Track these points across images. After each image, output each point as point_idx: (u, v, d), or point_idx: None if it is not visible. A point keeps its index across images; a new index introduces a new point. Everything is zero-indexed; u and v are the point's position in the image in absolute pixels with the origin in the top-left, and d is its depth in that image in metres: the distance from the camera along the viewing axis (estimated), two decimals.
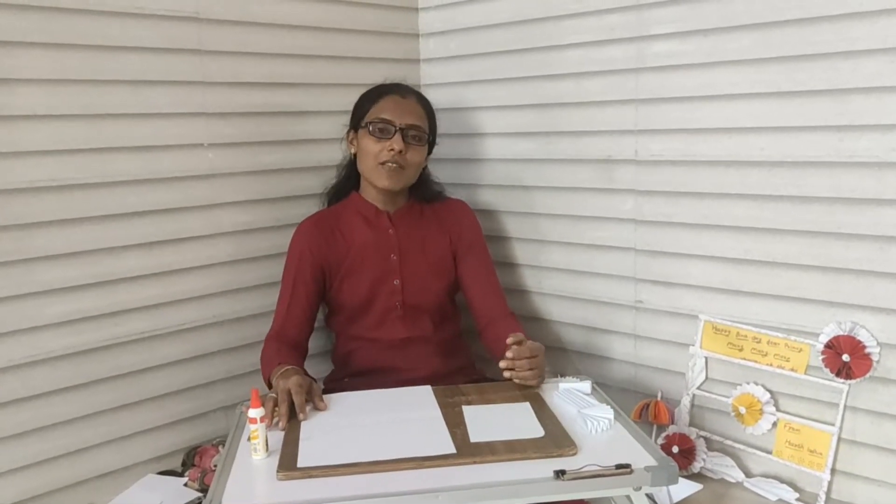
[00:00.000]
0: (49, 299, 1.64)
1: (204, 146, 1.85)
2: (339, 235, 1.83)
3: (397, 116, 1.75)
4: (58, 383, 1.67)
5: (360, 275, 1.81)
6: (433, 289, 1.85)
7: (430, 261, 1.86)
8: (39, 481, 1.67)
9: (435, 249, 1.87)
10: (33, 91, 1.58)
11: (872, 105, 1.49)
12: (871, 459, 1.58)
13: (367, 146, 1.76)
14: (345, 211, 1.87)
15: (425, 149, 1.82)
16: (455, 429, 1.36)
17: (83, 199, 1.67)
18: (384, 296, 1.82)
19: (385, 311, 1.82)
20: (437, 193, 1.94)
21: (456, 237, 1.89)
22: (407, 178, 1.80)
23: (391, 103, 1.78)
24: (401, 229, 1.84)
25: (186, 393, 1.89)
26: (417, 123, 1.78)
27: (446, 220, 1.90)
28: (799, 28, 1.56)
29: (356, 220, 1.84)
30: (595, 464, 1.22)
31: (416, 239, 1.85)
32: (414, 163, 1.78)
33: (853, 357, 1.56)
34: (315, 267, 1.80)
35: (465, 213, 1.94)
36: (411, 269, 1.83)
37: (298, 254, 1.81)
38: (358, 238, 1.82)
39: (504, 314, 1.85)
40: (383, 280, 1.82)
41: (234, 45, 1.87)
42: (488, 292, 1.87)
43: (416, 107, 1.80)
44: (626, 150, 1.86)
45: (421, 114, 1.81)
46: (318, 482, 1.21)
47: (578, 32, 1.90)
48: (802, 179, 1.60)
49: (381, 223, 1.84)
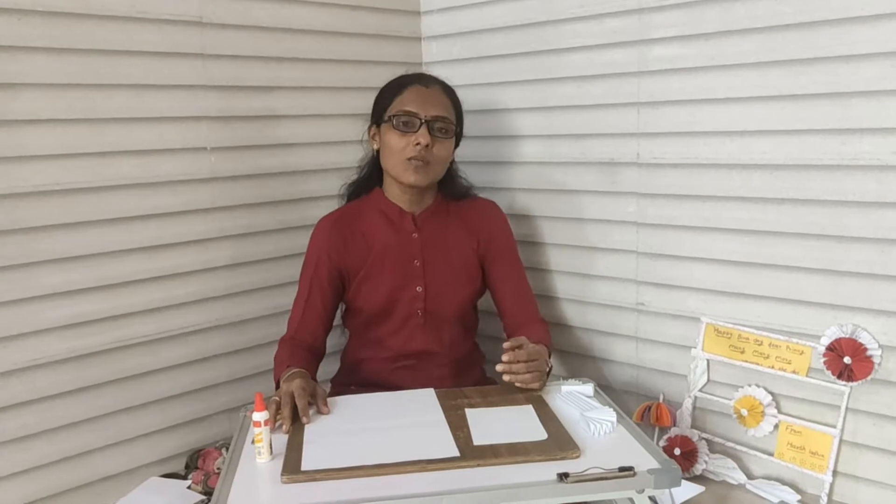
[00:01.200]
0: (52, 303, 1.64)
1: (206, 150, 1.85)
2: (359, 236, 1.75)
3: (422, 108, 1.66)
4: (61, 387, 1.67)
5: (379, 279, 1.74)
6: (458, 296, 1.78)
7: (456, 267, 1.78)
8: (43, 484, 1.67)
9: (461, 254, 1.78)
10: (36, 95, 1.58)
11: (874, 108, 1.49)
12: (873, 461, 1.59)
13: (391, 141, 1.67)
14: (367, 209, 1.78)
15: (452, 141, 1.73)
16: (458, 431, 1.36)
17: (86, 203, 1.67)
18: (405, 302, 1.74)
19: (405, 319, 1.75)
20: (466, 189, 1.85)
21: (485, 241, 1.80)
22: (434, 173, 1.71)
23: (414, 94, 1.68)
24: (426, 233, 1.76)
25: (189, 396, 1.89)
26: (443, 115, 1.68)
27: (474, 221, 1.81)
28: (800, 32, 1.56)
29: (378, 220, 1.76)
30: (598, 466, 1.22)
31: (441, 243, 1.77)
32: (441, 157, 1.69)
33: (855, 359, 1.56)
34: (332, 270, 1.74)
35: (496, 215, 1.85)
36: (435, 275, 1.75)
37: (315, 256, 1.75)
38: (379, 240, 1.74)
39: (533, 319, 1.79)
40: (405, 286, 1.74)
41: (237, 49, 1.88)
42: (519, 298, 1.81)
43: (441, 97, 1.71)
44: (629, 153, 1.86)
45: (446, 104, 1.71)
46: (322, 485, 1.21)
47: (580, 36, 1.91)
48: (804, 182, 1.60)
49: (404, 226, 1.75)
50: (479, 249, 1.81)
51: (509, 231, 1.86)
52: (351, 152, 1.95)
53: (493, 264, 1.81)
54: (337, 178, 1.93)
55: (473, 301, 1.84)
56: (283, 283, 2.00)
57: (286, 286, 1.98)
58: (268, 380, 2.01)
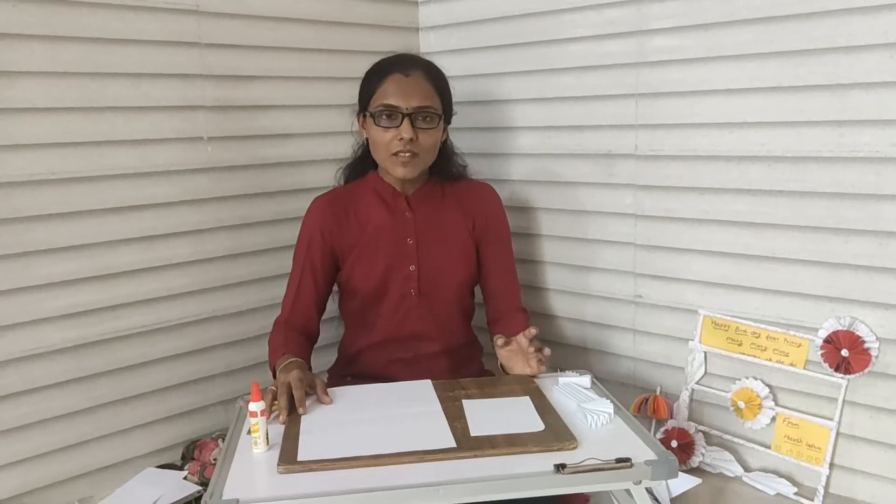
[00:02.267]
0: (48, 293, 1.64)
1: (203, 139, 1.84)
2: (352, 216, 1.74)
3: (403, 100, 1.62)
4: (57, 377, 1.67)
5: (373, 258, 1.72)
6: (453, 277, 1.76)
7: (451, 247, 1.76)
8: (39, 474, 1.67)
9: (456, 235, 1.77)
10: (32, 84, 1.58)
11: (873, 100, 1.49)
12: (870, 454, 1.59)
13: (375, 136, 1.66)
14: (361, 190, 1.77)
15: (439, 127, 1.69)
16: (455, 422, 1.36)
17: (82, 193, 1.67)
18: (398, 282, 1.72)
19: (399, 300, 1.73)
20: (461, 171, 1.83)
21: (482, 223, 1.79)
22: (424, 162, 1.68)
23: (395, 85, 1.64)
24: (419, 212, 1.74)
25: (186, 387, 1.89)
26: (426, 104, 1.64)
27: (470, 203, 1.79)
28: (799, 23, 1.56)
29: (372, 200, 1.75)
30: (595, 458, 1.22)
31: (436, 223, 1.75)
32: (429, 145, 1.66)
33: (852, 352, 1.56)
34: (325, 250, 1.73)
35: (491, 199, 1.83)
36: (429, 254, 1.73)
37: (308, 236, 1.73)
38: (373, 219, 1.73)
39: (517, 308, 1.80)
40: (398, 266, 1.72)
41: (234, 39, 1.87)
42: (508, 285, 1.81)
43: (422, 84, 1.66)
44: (627, 144, 1.86)
45: (428, 91, 1.67)
46: (318, 476, 1.21)
47: (579, 27, 1.90)
48: (803, 174, 1.60)
49: (398, 205, 1.74)
50: (475, 231, 1.79)
51: (504, 216, 1.85)
52: (347, 143, 1.93)
53: (485, 247, 1.80)
54: (333, 169, 1.92)
55: (470, 284, 1.82)
56: (280, 275, 1.99)
57: (283, 277, 1.95)
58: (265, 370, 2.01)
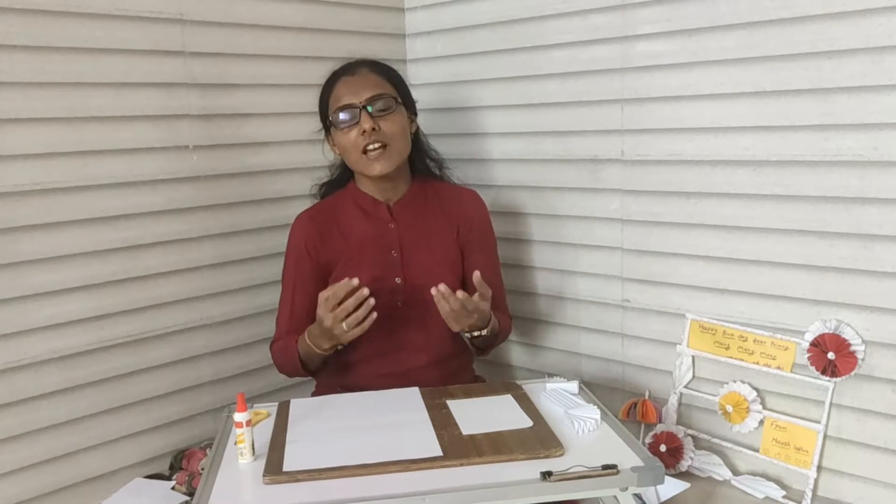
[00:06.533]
0: (34, 303, 1.63)
1: (189, 148, 1.84)
2: (335, 229, 1.72)
3: (354, 96, 1.63)
4: (43, 388, 1.66)
5: (358, 271, 1.62)
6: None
7: (437, 255, 1.72)
8: (26, 486, 1.66)
9: (441, 242, 1.74)
10: (15, 94, 1.57)
11: (855, 104, 1.50)
12: (857, 456, 1.59)
13: (342, 141, 1.66)
14: (342, 202, 1.76)
15: (402, 112, 1.68)
16: (442, 430, 1.36)
17: (67, 203, 1.66)
18: (385, 295, 1.65)
19: (387, 312, 1.65)
20: (441, 163, 1.83)
21: (465, 230, 1.77)
22: (397, 152, 1.66)
23: (343, 87, 1.66)
24: (402, 222, 1.72)
25: (173, 396, 1.88)
26: (377, 92, 1.64)
27: (454, 209, 1.78)
28: (782, 28, 1.56)
29: (354, 212, 1.73)
30: (581, 465, 1.22)
31: (421, 232, 1.73)
32: (395, 132, 1.65)
33: (838, 355, 1.56)
34: (313, 265, 1.71)
35: (476, 205, 1.81)
36: (415, 265, 1.70)
37: (296, 253, 1.72)
38: (356, 231, 1.71)
39: (501, 311, 1.79)
40: (383, 278, 1.68)
41: (219, 47, 1.87)
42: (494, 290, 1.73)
43: (369, 77, 1.68)
44: (613, 149, 1.86)
45: (377, 81, 1.67)
46: (304, 486, 1.21)
47: (563, 32, 1.90)
48: (787, 178, 1.60)
49: (380, 215, 1.72)
50: (460, 238, 1.77)
51: (489, 223, 1.83)
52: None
53: (470, 254, 1.78)
54: (320, 177, 1.92)
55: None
56: (267, 283, 1.99)
57: (270, 285, 1.97)
58: (253, 379, 2.01)
